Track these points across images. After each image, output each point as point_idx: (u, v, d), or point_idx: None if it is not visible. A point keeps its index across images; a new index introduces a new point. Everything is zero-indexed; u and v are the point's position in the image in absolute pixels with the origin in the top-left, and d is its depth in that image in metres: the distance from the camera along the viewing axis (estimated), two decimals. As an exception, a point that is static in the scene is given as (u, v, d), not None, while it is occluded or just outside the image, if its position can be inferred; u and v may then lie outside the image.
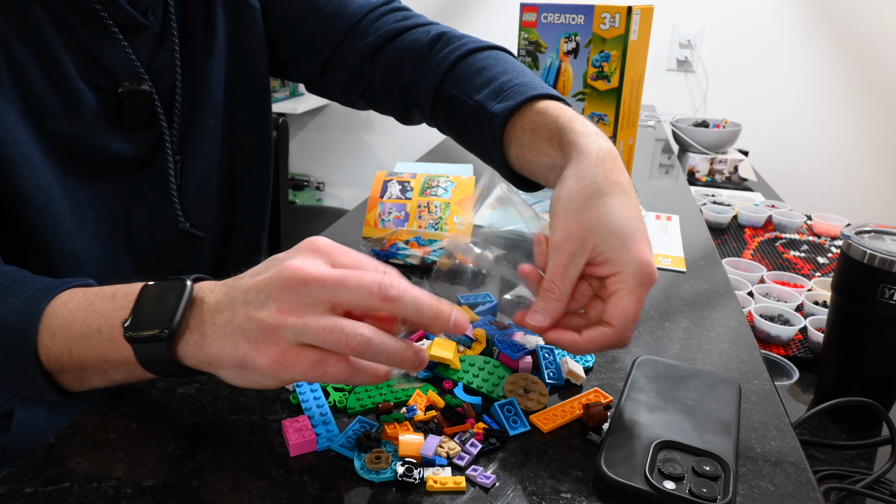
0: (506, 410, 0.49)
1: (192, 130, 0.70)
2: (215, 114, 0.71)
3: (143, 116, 0.65)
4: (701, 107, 2.40)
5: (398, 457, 0.44)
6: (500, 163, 0.63)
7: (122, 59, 0.63)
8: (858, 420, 0.74)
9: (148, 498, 0.41)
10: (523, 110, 0.60)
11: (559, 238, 0.48)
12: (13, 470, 0.43)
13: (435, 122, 0.74)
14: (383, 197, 0.88)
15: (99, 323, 0.44)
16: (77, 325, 0.45)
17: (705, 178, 1.68)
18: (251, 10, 0.73)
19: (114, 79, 0.63)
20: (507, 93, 0.62)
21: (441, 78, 0.69)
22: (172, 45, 0.67)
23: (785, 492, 0.43)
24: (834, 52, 2.22)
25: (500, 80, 0.64)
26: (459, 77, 0.68)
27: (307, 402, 0.49)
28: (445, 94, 0.69)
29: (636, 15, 0.99)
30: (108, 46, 0.62)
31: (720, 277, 0.76)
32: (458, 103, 0.67)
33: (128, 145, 0.65)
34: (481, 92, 0.64)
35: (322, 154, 2.97)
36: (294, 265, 0.39)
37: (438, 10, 2.58)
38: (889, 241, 0.72)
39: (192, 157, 0.70)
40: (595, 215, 0.47)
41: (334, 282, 0.38)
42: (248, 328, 0.38)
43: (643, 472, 0.41)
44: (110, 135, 0.63)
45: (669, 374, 0.52)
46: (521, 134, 0.60)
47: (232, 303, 0.40)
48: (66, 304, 0.46)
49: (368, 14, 0.75)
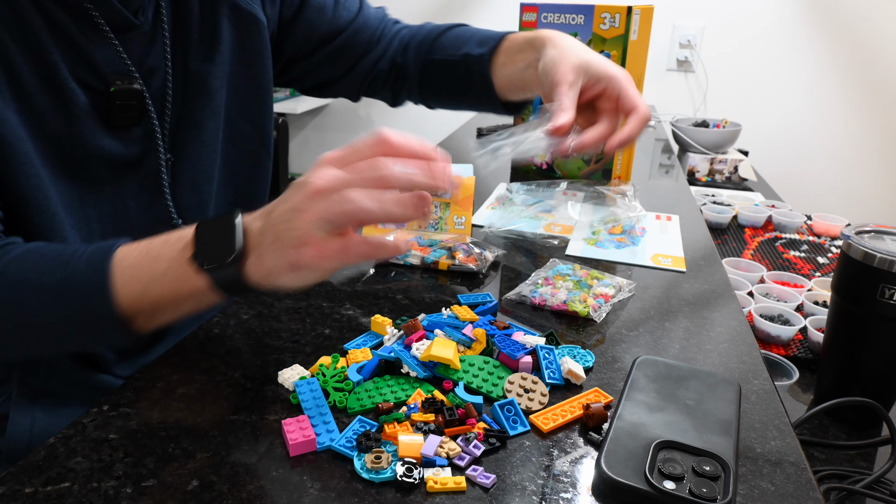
0: (506, 410, 0.49)
1: (187, 131, 0.71)
2: (215, 118, 0.73)
3: (132, 115, 0.65)
4: (701, 107, 2.40)
5: (398, 457, 0.44)
6: (489, 95, 0.81)
7: (113, 57, 0.63)
8: (858, 420, 0.74)
9: (148, 498, 0.41)
10: (500, 44, 0.79)
11: (560, 75, 0.66)
12: (13, 470, 0.43)
13: (421, 93, 0.90)
14: (383, 197, 0.87)
15: (165, 266, 0.51)
16: (144, 272, 0.51)
17: (705, 178, 1.68)
18: (257, 22, 0.75)
19: (104, 78, 0.63)
20: (485, 40, 0.80)
21: (427, 51, 0.86)
22: (164, 45, 0.68)
23: (785, 492, 0.43)
24: (834, 52, 2.22)
25: (478, 36, 0.83)
26: (442, 46, 0.86)
27: (307, 402, 0.49)
28: (431, 62, 0.86)
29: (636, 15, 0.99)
30: (99, 45, 0.62)
31: (720, 277, 0.76)
32: (445, 64, 0.84)
33: (118, 144, 0.65)
34: (463, 48, 0.82)
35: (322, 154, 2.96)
36: (308, 181, 0.47)
37: (439, 10, 2.58)
38: (889, 241, 0.72)
39: (186, 158, 0.71)
40: (579, 53, 0.69)
41: (340, 181, 0.46)
42: (287, 238, 0.46)
43: (643, 472, 0.41)
44: (101, 133, 0.64)
45: (669, 374, 0.52)
46: (500, 59, 0.79)
47: (273, 224, 0.48)
48: (125, 257, 0.52)
49: (381, 25, 0.89)
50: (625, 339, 0.62)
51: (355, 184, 0.46)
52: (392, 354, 0.54)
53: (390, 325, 0.60)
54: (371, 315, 0.61)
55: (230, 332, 0.61)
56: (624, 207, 0.93)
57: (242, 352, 0.58)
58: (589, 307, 0.65)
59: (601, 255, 0.81)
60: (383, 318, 0.60)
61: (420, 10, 2.58)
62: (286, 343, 0.59)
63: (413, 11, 2.59)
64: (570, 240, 0.85)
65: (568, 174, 1.11)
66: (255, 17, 0.75)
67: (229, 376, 0.54)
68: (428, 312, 0.63)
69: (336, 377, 0.52)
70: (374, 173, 0.46)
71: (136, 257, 0.51)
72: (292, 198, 0.47)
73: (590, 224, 0.90)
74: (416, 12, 2.59)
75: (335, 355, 0.55)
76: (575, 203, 0.96)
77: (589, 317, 0.64)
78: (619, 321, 0.65)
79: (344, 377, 0.52)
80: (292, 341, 0.59)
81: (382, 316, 0.61)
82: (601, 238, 0.86)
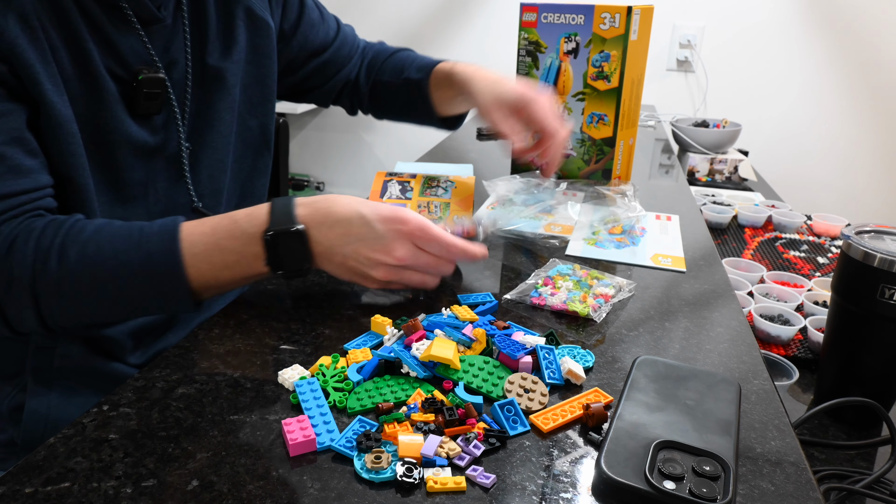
0: (506, 410, 0.49)
1: (205, 121, 0.75)
2: (230, 111, 0.78)
3: (156, 104, 0.69)
4: (701, 107, 2.40)
5: (398, 457, 0.44)
6: (428, 113, 0.96)
7: (140, 48, 0.68)
8: (858, 420, 0.74)
9: (148, 498, 0.41)
10: (432, 72, 0.93)
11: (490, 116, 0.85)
12: (13, 470, 0.43)
13: (371, 107, 1.03)
14: (383, 197, 0.88)
15: (235, 258, 0.60)
16: (215, 260, 0.60)
17: (705, 178, 1.68)
18: (267, 27, 0.81)
19: (130, 67, 0.67)
20: (422, 67, 0.95)
21: (377, 72, 0.99)
22: (184, 39, 0.72)
23: (785, 492, 0.43)
24: (834, 52, 2.22)
25: (417, 63, 0.96)
26: (387, 69, 0.99)
27: (307, 402, 0.49)
28: (380, 82, 0.99)
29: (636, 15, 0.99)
30: (127, 36, 0.66)
31: (720, 277, 0.76)
32: (391, 86, 0.97)
33: (143, 131, 0.69)
34: (404, 73, 0.96)
35: (322, 154, 2.97)
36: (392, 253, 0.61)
37: (438, 9, 2.58)
38: (889, 241, 0.72)
39: (204, 147, 0.76)
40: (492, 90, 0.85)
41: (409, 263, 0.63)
42: (353, 272, 0.63)
43: (643, 472, 0.41)
44: (128, 120, 0.68)
45: (669, 374, 0.52)
46: (433, 85, 0.93)
47: (344, 256, 0.62)
48: (194, 244, 0.59)
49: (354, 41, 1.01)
50: (625, 339, 0.62)
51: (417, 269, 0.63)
52: (392, 354, 0.54)
53: (390, 325, 0.60)
54: (371, 315, 0.61)
55: (230, 332, 0.61)
56: (624, 207, 0.93)
57: (242, 352, 0.58)
58: (589, 307, 0.65)
59: (601, 255, 0.81)
60: (383, 318, 0.60)
61: (420, 12, 2.59)
62: (286, 343, 0.59)
63: (413, 11, 2.59)
64: (570, 240, 0.85)
65: (568, 174, 1.11)
66: (267, 22, 0.80)
67: (229, 376, 0.54)
68: (428, 312, 0.63)
69: (336, 377, 0.52)
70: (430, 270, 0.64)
71: (206, 247, 0.59)
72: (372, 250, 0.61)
73: (590, 224, 0.90)
74: (417, 12, 2.59)
75: (335, 355, 0.55)
76: (575, 203, 0.96)
77: (589, 317, 0.64)
78: (619, 321, 0.65)
79: (344, 377, 0.52)
80: (292, 341, 0.59)
81: (382, 316, 0.61)
82: (601, 238, 0.86)
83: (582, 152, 1.08)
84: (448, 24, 2.58)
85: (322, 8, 0.97)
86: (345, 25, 1.01)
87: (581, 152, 1.08)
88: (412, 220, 0.61)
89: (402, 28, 2.61)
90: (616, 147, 1.06)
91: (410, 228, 0.61)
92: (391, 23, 2.61)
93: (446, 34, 2.60)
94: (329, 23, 0.96)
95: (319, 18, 0.94)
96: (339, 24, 0.99)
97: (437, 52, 2.60)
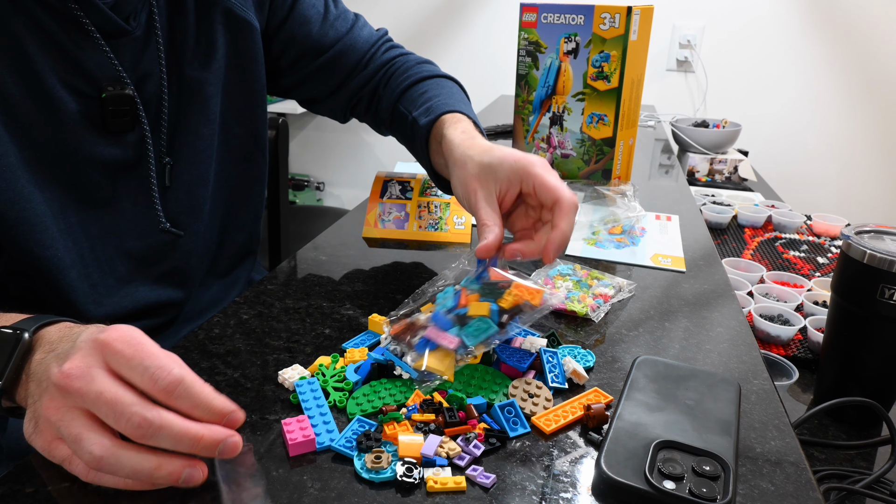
0: (506, 412, 0.49)
1: (183, 136, 0.71)
2: (209, 124, 0.73)
3: (126, 120, 0.66)
4: (701, 107, 2.40)
5: (398, 457, 0.44)
6: (428, 167, 0.79)
7: (104, 63, 0.63)
8: (858, 420, 0.74)
9: (148, 498, 0.41)
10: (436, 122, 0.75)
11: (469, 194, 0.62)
12: (13, 470, 0.43)
13: (392, 132, 0.87)
14: (383, 197, 0.88)
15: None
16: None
17: (705, 178, 1.68)
18: (251, 28, 0.75)
19: (96, 83, 0.63)
20: (429, 110, 0.77)
21: (397, 98, 0.83)
22: (157, 51, 0.67)
23: (785, 492, 0.43)
24: (834, 53, 2.22)
25: (428, 103, 0.78)
26: (408, 99, 0.82)
27: (307, 402, 0.49)
28: (398, 111, 0.83)
29: (636, 15, 0.99)
30: (90, 52, 0.62)
31: (720, 277, 0.76)
32: (404, 118, 0.81)
33: (112, 149, 0.66)
34: (415, 111, 0.79)
35: (322, 154, 2.97)
36: (61, 371, 0.40)
37: (438, 10, 2.58)
38: (889, 241, 0.72)
39: (182, 162, 0.72)
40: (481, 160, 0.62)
41: (93, 396, 0.40)
42: (34, 410, 0.43)
43: (643, 472, 0.41)
44: (94, 139, 0.64)
45: (669, 374, 0.52)
46: (433, 144, 0.76)
47: (39, 379, 0.44)
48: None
49: (372, 50, 0.86)
50: (625, 339, 0.62)
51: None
52: (383, 357, 0.54)
53: (387, 324, 0.59)
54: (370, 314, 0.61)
55: (230, 332, 0.61)
56: (624, 207, 0.93)
57: (242, 352, 0.58)
58: (587, 307, 0.65)
59: (601, 255, 0.81)
60: (381, 318, 0.60)
61: (421, 12, 2.59)
62: (286, 343, 0.59)
63: (413, 11, 2.59)
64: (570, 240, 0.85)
65: (568, 174, 1.11)
66: (249, 23, 0.75)
67: (229, 376, 0.54)
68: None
69: (336, 377, 0.52)
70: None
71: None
72: (48, 368, 0.43)
73: (590, 224, 0.90)
74: (417, 12, 2.59)
75: (335, 355, 0.55)
76: (575, 203, 0.96)
77: (587, 316, 0.64)
78: (619, 321, 0.65)
79: (343, 377, 0.52)
80: (292, 341, 0.59)
81: (380, 315, 0.61)
82: (601, 238, 0.86)
83: (582, 152, 1.08)
84: (448, 24, 2.58)
85: (332, 6, 0.85)
86: (364, 30, 0.87)
87: (581, 152, 1.08)
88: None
89: (402, 28, 2.61)
90: (616, 147, 1.06)
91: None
92: (391, 23, 2.61)
93: (446, 34, 2.60)
94: (335, 25, 0.84)
95: (319, 16, 0.83)
96: (353, 28, 0.85)
97: (437, 52, 2.61)
